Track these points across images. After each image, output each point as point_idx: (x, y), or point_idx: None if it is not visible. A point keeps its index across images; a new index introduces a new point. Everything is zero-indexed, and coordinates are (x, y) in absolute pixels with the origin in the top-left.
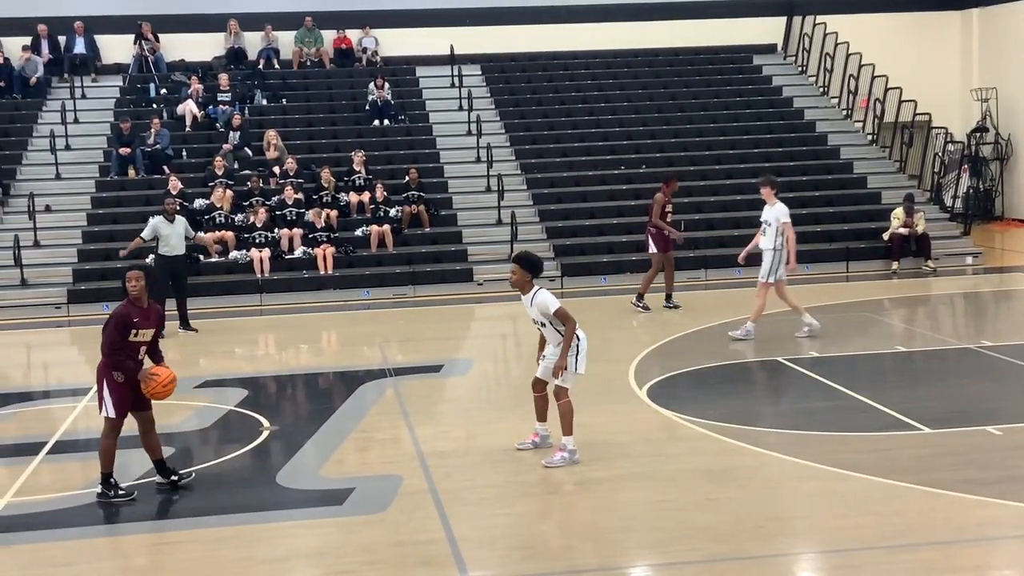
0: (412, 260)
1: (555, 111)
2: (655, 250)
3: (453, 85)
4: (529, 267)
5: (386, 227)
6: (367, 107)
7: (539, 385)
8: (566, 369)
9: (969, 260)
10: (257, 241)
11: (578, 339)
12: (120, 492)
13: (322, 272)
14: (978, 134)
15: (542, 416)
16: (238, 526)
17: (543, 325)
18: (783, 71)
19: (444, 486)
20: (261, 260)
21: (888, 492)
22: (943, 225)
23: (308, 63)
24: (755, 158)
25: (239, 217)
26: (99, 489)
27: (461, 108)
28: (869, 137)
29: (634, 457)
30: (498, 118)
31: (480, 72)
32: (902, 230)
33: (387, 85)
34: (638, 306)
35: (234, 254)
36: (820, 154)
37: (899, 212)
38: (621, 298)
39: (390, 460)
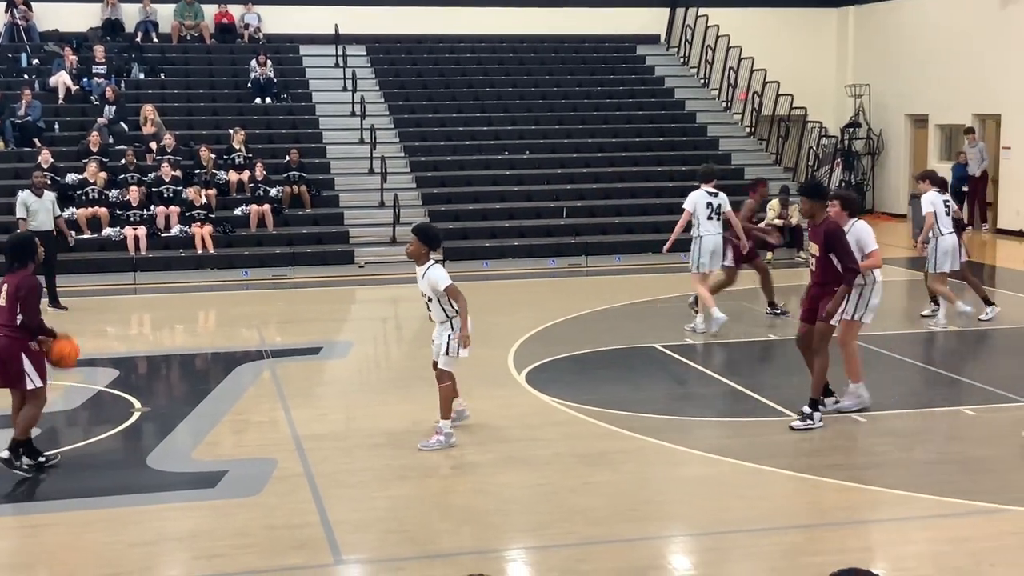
0: (292, 241)
1: (440, 95)
2: (731, 262)
3: (337, 65)
4: (426, 239)
5: (266, 207)
6: (248, 84)
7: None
8: (467, 343)
9: None
10: (132, 219)
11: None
12: (26, 465)
13: (199, 251)
14: (851, 129)
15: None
16: (106, 509)
17: (430, 300)
18: (665, 61)
19: (320, 469)
20: (136, 238)
21: (756, 477)
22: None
23: (188, 38)
24: (637, 147)
25: (113, 193)
26: (5, 455)
27: (345, 88)
28: (747, 129)
29: (511, 441)
30: (382, 100)
31: (365, 53)
32: (777, 221)
33: (269, 63)
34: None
35: (107, 231)
36: (699, 144)
37: (775, 203)
38: (504, 283)
39: (265, 443)
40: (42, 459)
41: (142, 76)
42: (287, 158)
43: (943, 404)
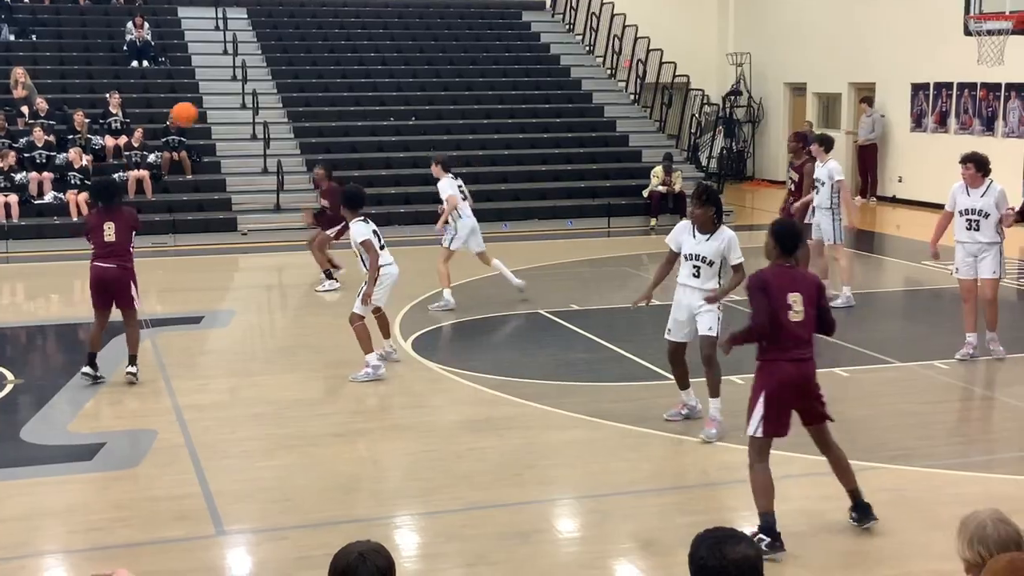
0: (172, 208)
1: (324, 59)
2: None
3: (218, 28)
4: (345, 201)
5: (145, 173)
6: (125, 47)
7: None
8: (371, 297)
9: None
10: (2, 185)
11: (377, 271)
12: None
13: (75, 219)
14: (732, 97)
15: (386, 333)
16: None
17: (357, 254)
18: (551, 28)
19: (201, 440)
20: (7, 205)
21: (639, 439)
22: (699, 184)
23: None
24: (523, 114)
25: None
26: (133, 370)
27: (226, 52)
28: (632, 97)
29: (397, 408)
30: (265, 64)
31: (246, 16)
32: (661, 188)
33: (147, 25)
34: None
35: None
36: (585, 112)
37: (658, 170)
38: (390, 250)
39: (145, 414)
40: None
41: (12, 38)
42: (166, 123)
43: (817, 366)
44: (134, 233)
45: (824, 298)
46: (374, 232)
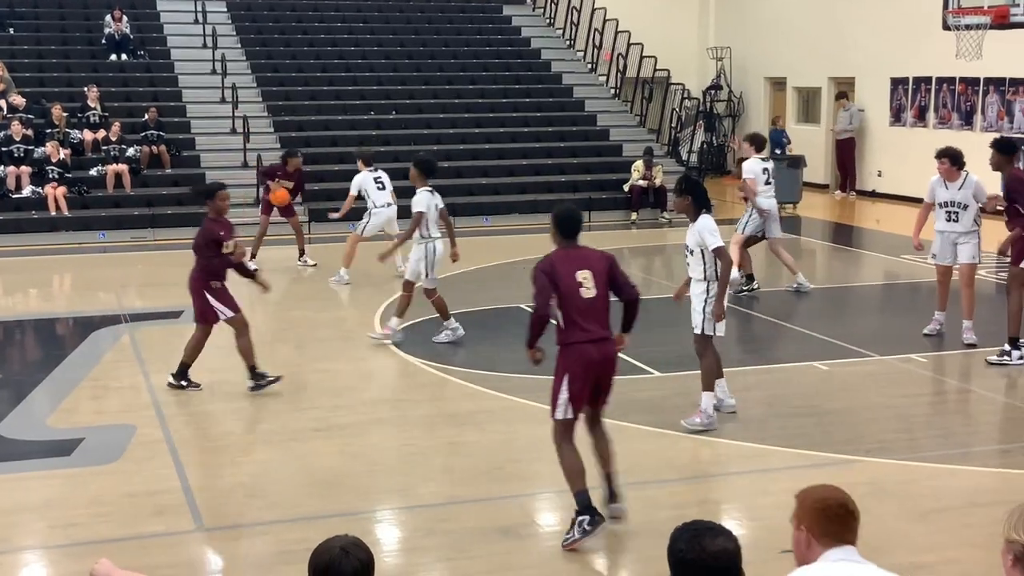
0: (152, 202)
1: (304, 53)
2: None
3: (197, 21)
4: (421, 168)
5: (123, 167)
6: (103, 40)
7: (408, 285)
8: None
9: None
10: None
11: (429, 247)
12: (270, 379)
13: (53, 213)
14: (712, 91)
15: (399, 312)
16: None
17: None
18: (531, 22)
19: (181, 435)
20: None
21: (620, 433)
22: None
23: None
24: (504, 108)
25: None
26: (251, 384)
27: (205, 46)
28: (612, 91)
29: (378, 403)
30: (244, 58)
31: (226, 9)
32: (641, 182)
33: (125, 18)
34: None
35: None
36: (566, 106)
37: (639, 165)
38: (370, 244)
39: (124, 409)
40: (270, 379)
41: None
42: (145, 117)
43: (796, 360)
44: (209, 244)
45: (618, 270)
46: (436, 206)
